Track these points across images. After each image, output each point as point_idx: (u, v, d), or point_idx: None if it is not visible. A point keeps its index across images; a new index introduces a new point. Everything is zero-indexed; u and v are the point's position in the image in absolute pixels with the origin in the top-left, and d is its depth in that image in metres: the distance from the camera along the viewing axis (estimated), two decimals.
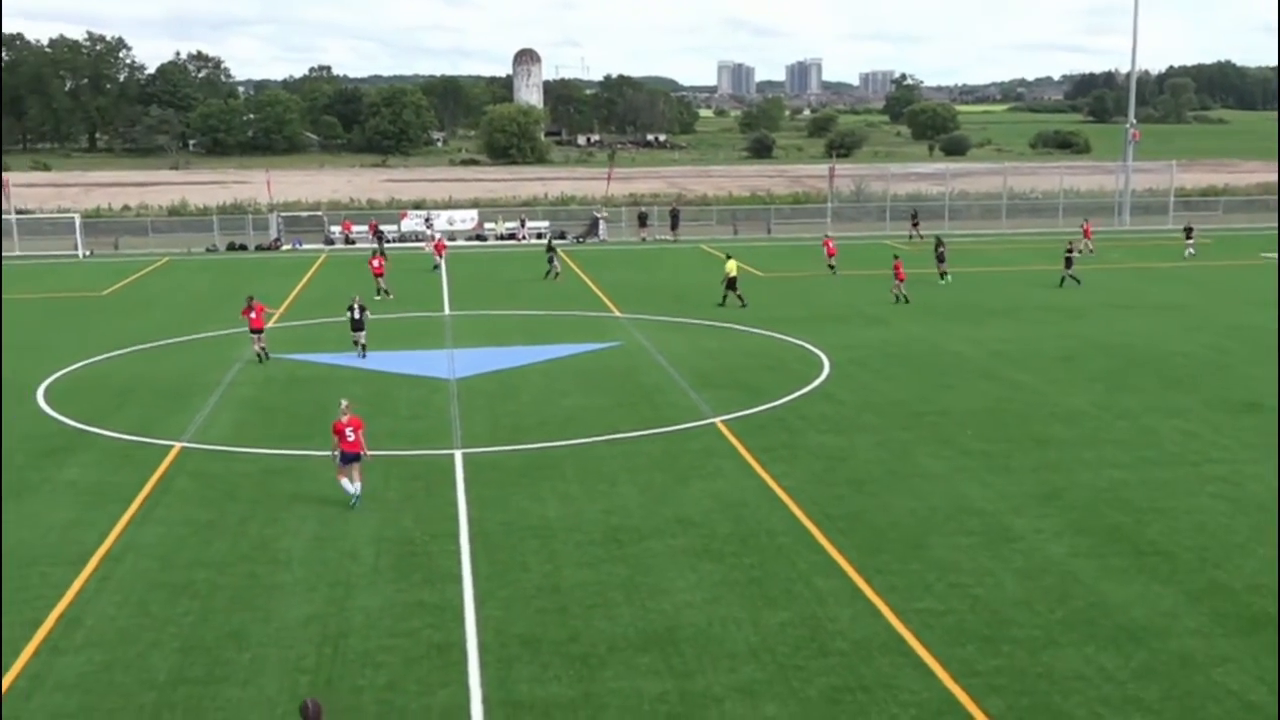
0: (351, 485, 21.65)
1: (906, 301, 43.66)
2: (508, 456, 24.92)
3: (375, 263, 47.85)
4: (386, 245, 61.20)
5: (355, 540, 20.07)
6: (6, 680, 15.19)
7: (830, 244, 52.93)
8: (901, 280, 44.16)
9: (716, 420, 27.47)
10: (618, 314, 42.80)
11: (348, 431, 21.46)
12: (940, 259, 49.26)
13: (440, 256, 56.81)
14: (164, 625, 16.80)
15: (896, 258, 46.05)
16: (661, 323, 40.72)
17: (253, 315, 34.37)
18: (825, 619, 16.81)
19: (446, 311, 44.09)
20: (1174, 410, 28.06)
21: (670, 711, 14.34)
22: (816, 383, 31.28)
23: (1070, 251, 49.38)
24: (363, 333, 35.34)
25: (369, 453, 22.12)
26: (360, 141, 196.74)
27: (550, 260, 52.03)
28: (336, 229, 69.51)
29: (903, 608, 17.10)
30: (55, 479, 23.60)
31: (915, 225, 67.81)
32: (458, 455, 24.97)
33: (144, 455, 25.17)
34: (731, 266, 44.39)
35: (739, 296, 43.29)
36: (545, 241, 58.96)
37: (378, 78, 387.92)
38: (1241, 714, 14.14)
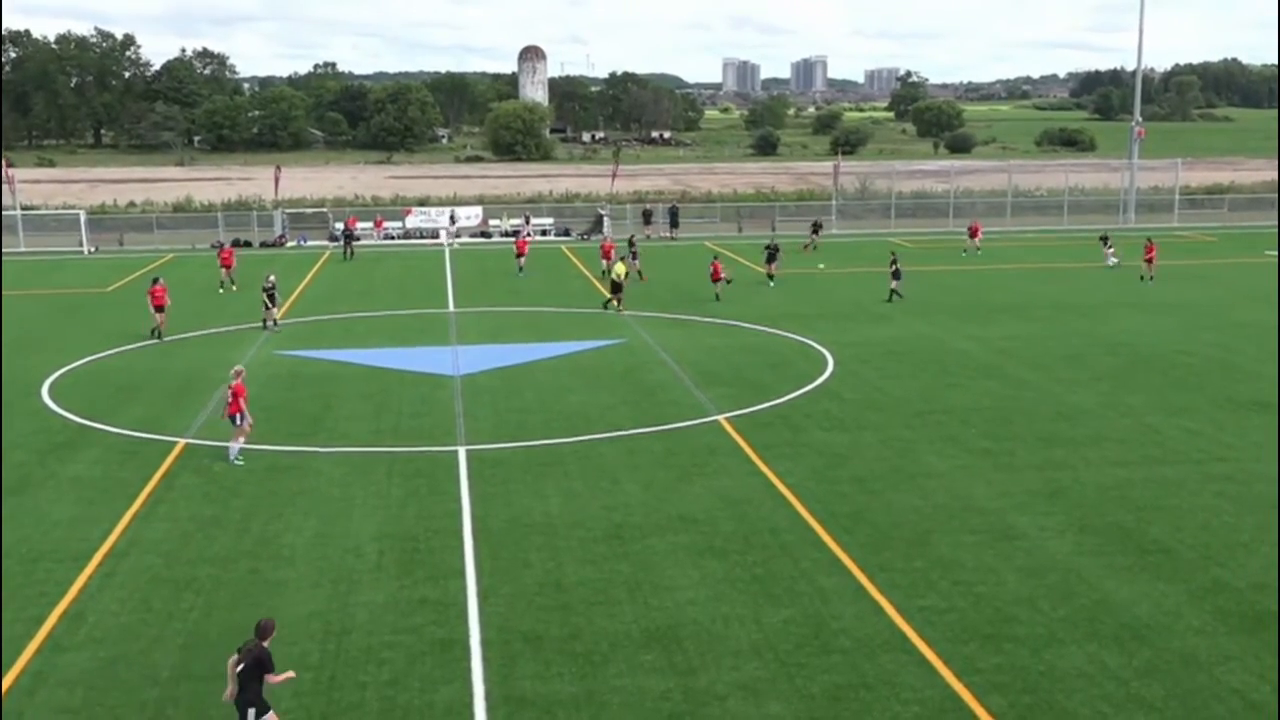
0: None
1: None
2: (511, 453, 24.93)
3: (224, 254, 48.38)
4: (355, 245, 60.76)
5: (358, 537, 20.08)
6: (10, 677, 15.21)
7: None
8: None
9: (720, 417, 27.46)
10: (622, 311, 42.76)
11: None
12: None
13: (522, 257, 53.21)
14: (167, 621, 16.82)
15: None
16: (665, 320, 40.71)
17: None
18: (828, 617, 16.80)
19: (451, 308, 44.10)
20: (1179, 409, 28.02)
21: (673, 709, 14.34)
22: (820, 380, 31.26)
23: (895, 263, 44.92)
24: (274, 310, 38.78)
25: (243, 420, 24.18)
26: (365, 138, 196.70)
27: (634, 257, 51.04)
28: (341, 225, 69.49)
29: (906, 605, 17.09)
30: (59, 475, 23.63)
31: (815, 233, 62.78)
32: (461, 452, 24.98)
33: (148, 451, 25.19)
34: (620, 269, 43.47)
35: (618, 301, 42.45)
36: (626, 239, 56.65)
37: (383, 74, 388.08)
38: (1245, 713, 14.12)
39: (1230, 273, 52.17)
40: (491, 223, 71.70)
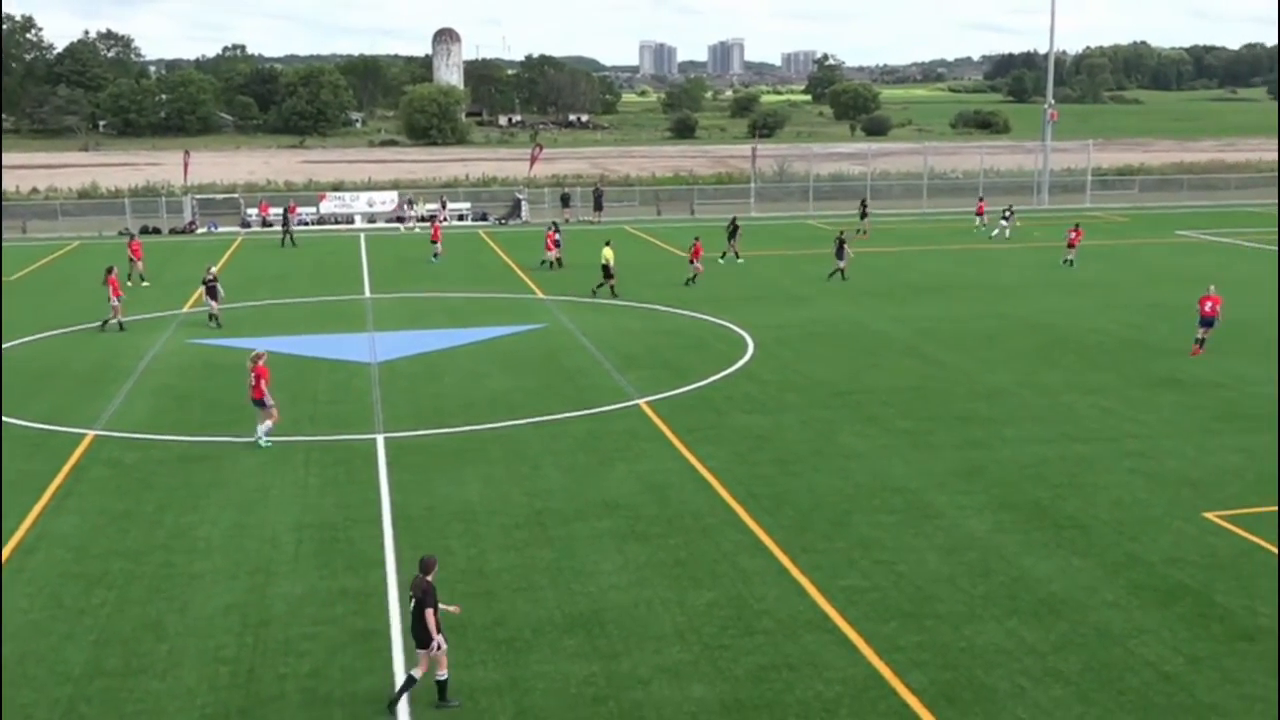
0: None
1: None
2: (431, 440, 24.69)
3: (133, 246, 47.39)
4: (295, 229, 60.18)
5: (276, 527, 19.76)
6: None
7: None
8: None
9: (641, 401, 27.43)
10: (541, 296, 42.59)
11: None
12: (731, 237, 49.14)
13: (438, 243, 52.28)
14: (79, 617, 16.41)
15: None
16: (585, 304, 40.58)
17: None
18: (751, 598, 16.86)
19: (367, 294, 43.58)
20: (1093, 387, 28.52)
21: (596, 694, 14.30)
22: (741, 363, 31.37)
23: (842, 243, 45.43)
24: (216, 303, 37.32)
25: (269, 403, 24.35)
26: (277, 122, 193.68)
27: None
28: (253, 211, 68.38)
29: (827, 585, 17.20)
30: None
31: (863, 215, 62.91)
32: (379, 439, 24.69)
33: (56, 444, 24.56)
34: (608, 253, 42.40)
35: (611, 286, 41.71)
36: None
37: (294, 57, 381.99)
38: (1158, 684, 14.40)
39: (1142, 253, 53.22)
40: (406, 208, 70.90)
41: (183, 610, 16.62)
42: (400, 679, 14.51)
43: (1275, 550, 18.35)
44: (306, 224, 67.43)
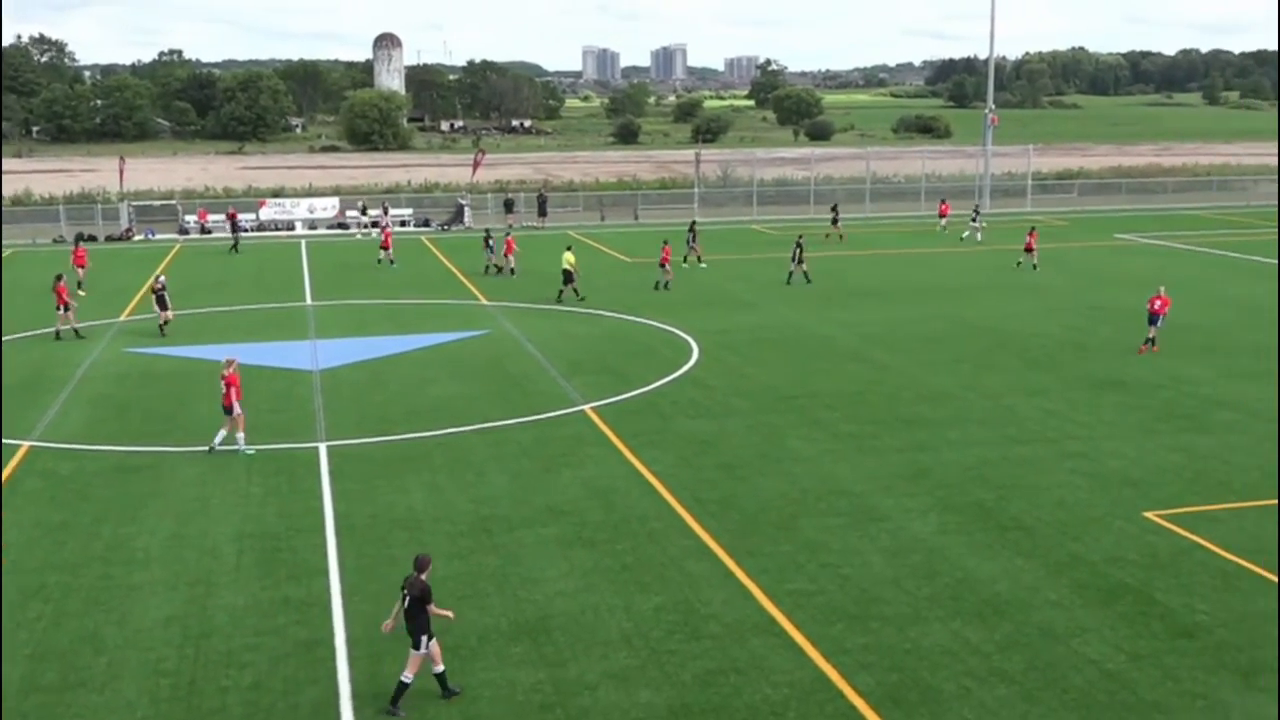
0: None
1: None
2: (374, 448, 24.46)
3: (77, 254, 46.67)
4: (242, 235, 59.66)
5: (216, 537, 19.49)
6: None
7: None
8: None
9: (586, 407, 27.36)
10: (485, 302, 42.39)
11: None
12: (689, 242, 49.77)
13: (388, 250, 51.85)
14: (14, 631, 16.07)
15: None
16: (529, 310, 40.44)
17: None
18: (698, 603, 16.84)
19: (308, 301, 43.15)
20: (1035, 389, 28.81)
21: (544, 701, 14.22)
22: (686, 368, 31.38)
23: (800, 248, 45.88)
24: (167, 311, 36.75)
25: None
26: (215, 128, 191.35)
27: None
28: (192, 218, 67.51)
29: (774, 589, 17.23)
30: None
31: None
32: (322, 448, 24.43)
33: None
34: (569, 258, 42.10)
35: (575, 290, 41.53)
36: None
37: (232, 62, 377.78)
38: (1101, 682, 14.55)
39: (1082, 256, 53.86)
40: (349, 214, 70.33)
41: (121, 622, 16.34)
42: (345, 688, 14.36)
43: (1213, 547, 18.64)
44: (247, 230, 66.66)
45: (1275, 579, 17.38)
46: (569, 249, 43.36)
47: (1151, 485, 21.68)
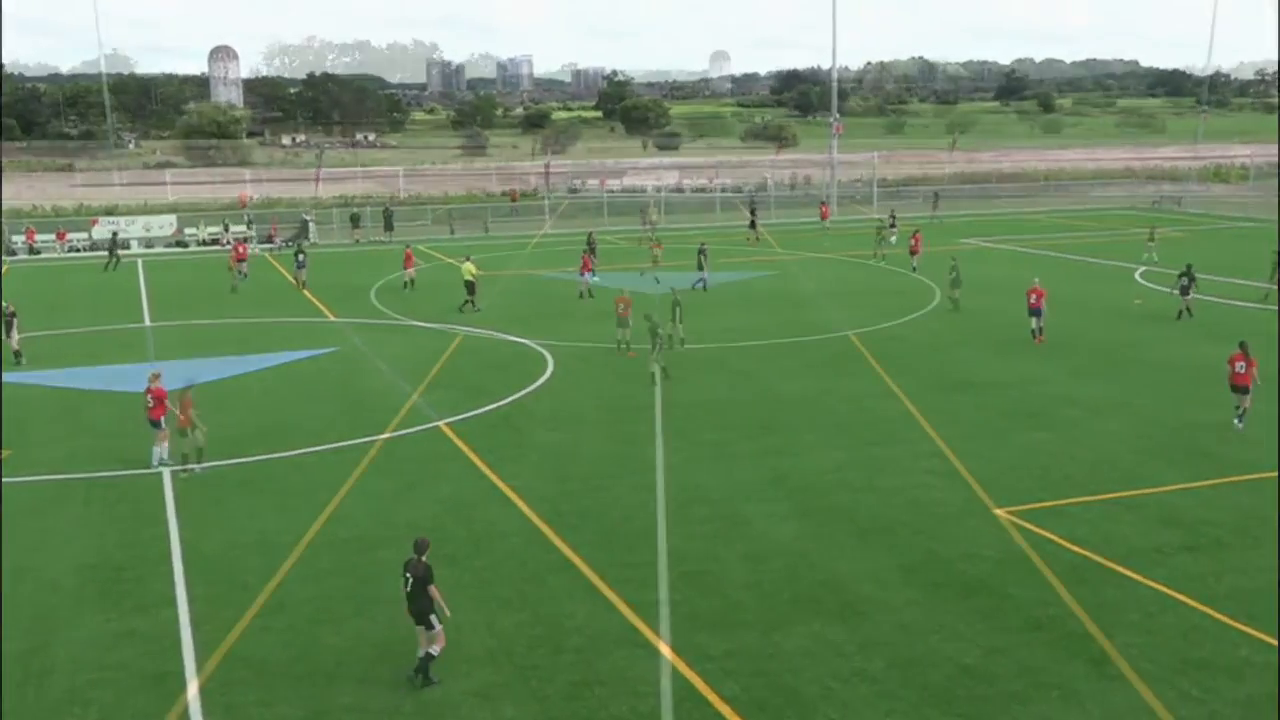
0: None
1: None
2: (223, 471, 23.68)
3: None
4: (121, 255, 57.41)
5: (56, 570, 18.62)
6: None
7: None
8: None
9: (441, 423, 26.95)
10: (332, 318, 41.53)
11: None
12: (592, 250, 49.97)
13: (242, 264, 50.13)
14: None
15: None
16: (379, 325, 39.75)
17: None
18: (561, 616, 16.68)
19: (147, 322, 41.68)
20: (890, 392, 29.31)
21: None
22: (541, 380, 31.18)
23: (702, 251, 47.95)
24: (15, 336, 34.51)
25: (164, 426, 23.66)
26: (42, 145, 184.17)
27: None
28: (20, 238, 64.71)
29: (637, 600, 17.16)
30: None
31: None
32: (165, 473, 23.53)
33: None
34: (470, 268, 42.37)
35: (471, 301, 41.77)
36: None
37: (58, 76, 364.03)
38: (959, 676, 14.83)
39: (931, 260, 55.12)
40: (188, 231, 68.28)
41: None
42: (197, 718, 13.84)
43: (1062, 541, 19.21)
44: (78, 251, 64.17)
45: (1120, 570, 17.99)
46: (468, 259, 43.07)
47: (1002, 483, 22.22)
